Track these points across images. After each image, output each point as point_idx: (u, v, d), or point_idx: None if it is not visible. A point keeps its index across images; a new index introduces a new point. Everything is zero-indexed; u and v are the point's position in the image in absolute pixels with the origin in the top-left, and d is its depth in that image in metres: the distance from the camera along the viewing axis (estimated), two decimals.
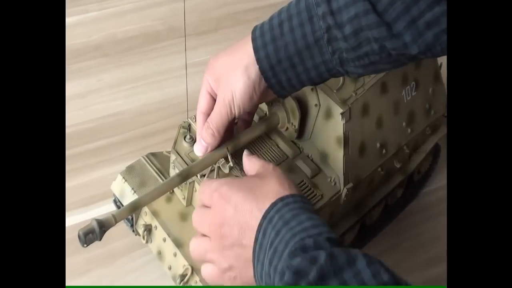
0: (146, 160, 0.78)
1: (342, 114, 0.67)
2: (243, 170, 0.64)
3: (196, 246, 0.60)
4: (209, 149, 0.65)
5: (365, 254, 0.48)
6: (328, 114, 0.69)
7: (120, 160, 0.92)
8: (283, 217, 0.53)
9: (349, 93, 0.69)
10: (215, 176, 0.67)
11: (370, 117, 0.71)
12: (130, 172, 0.76)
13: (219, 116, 0.63)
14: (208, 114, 0.65)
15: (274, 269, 0.51)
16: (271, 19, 0.61)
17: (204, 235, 0.59)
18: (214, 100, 0.65)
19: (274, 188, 0.56)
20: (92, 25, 1.13)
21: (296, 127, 0.71)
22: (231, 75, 0.62)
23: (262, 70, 0.60)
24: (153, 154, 0.79)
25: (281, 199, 0.55)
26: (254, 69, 0.61)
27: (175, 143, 0.73)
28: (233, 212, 0.56)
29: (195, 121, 0.74)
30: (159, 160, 0.78)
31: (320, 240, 0.50)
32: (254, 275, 0.54)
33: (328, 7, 0.56)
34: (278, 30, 0.59)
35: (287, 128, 0.72)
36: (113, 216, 0.59)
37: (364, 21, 0.55)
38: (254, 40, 0.61)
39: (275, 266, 0.51)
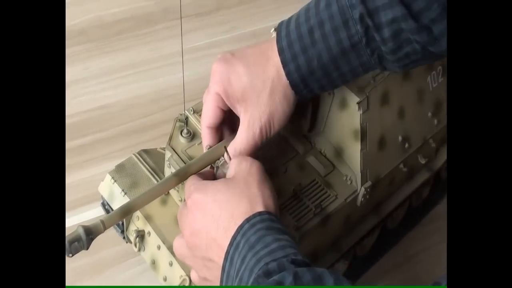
0: (138, 158, 0.78)
1: (358, 103, 0.67)
2: None
3: (177, 247, 0.65)
4: None
5: (332, 272, 0.51)
6: (343, 104, 0.69)
7: (109, 158, 0.93)
8: (249, 241, 0.56)
9: (367, 80, 0.69)
10: (215, 176, 0.68)
11: (390, 107, 0.72)
12: (120, 172, 0.77)
13: (252, 147, 0.64)
14: (216, 129, 0.66)
15: None
16: (298, 25, 0.61)
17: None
18: (224, 112, 0.66)
19: (240, 204, 0.59)
20: (75, 7, 1.13)
21: (307, 119, 0.71)
22: (264, 99, 0.62)
23: (292, 84, 0.62)
24: (145, 151, 0.80)
25: (248, 220, 0.57)
26: (290, 89, 0.62)
27: (170, 138, 0.73)
28: (201, 225, 0.60)
29: (193, 113, 0.74)
30: (152, 158, 0.79)
31: (285, 262, 0.53)
32: None
33: (365, 8, 0.57)
34: (308, 39, 0.60)
35: (297, 121, 0.72)
36: (102, 222, 0.60)
37: (404, 25, 0.56)
38: (281, 52, 0.61)
39: None
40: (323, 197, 0.70)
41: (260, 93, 0.62)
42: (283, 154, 0.73)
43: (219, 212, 0.59)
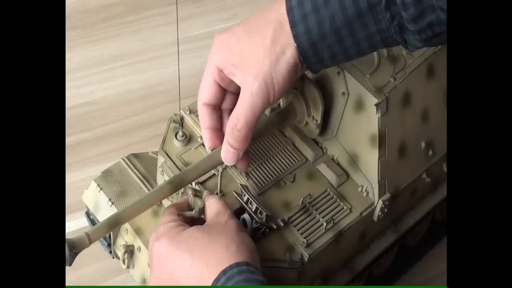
0: (127, 163, 0.79)
1: (376, 105, 0.68)
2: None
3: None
4: (240, 154, 0.66)
5: None
6: (359, 106, 0.69)
7: (94, 162, 0.94)
8: None
9: (386, 79, 0.70)
10: (218, 184, 0.69)
11: (412, 109, 0.72)
12: (106, 178, 0.78)
13: (251, 110, 0.63)
14: (214, 107, 0.66)
15: None
16: None
17: None
18: (223, 90, 0.66)
19: (217, 252, 0.59)
20: None
21: (318, 121, 0.71)
22: (262, 51, 0.61)
23: (300, 49, 0.61)
24: (135, 155, 0.80)
25: (224, 272, 0.58)
26: (292, 38, 0.61)
27: (163, 141, 0.74)
28: (169, 276, 0.61)
29: (189, 113, 0.75)
30: (143, 163, 0.79)
31: None
32: None
33: None
34: None
35: (306, 123, 0.72)
36: (87, 235, 0.61)
37: None
38: (290, 11, 0.61)
39: None
40: (335, 210, 0.70)
41: (259, 46, 0.61)
42: (290, 161, 0.73)
43: (191, 261, 0.59)
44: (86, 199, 0.79)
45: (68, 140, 0.97)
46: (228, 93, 0.67)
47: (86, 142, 0.97)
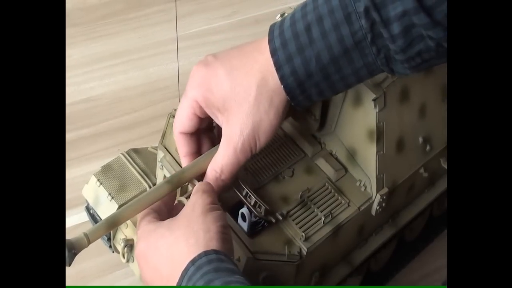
0: (126, 158, 0.79)
1: (374, 100, 0.68)
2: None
3: None
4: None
5: None
6: (357, 101, 0.70)
7: (94, 158, 0.94)
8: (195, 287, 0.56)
9: (384, 74, 0.69)
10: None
11: (410, 104, 0.72)
12: (106, 173, 0.78)
13: (236, 164, 0.64)
14: (191, 134, 0.67)
15: None
16: (293, 23, 0.60)
17: None
18: (201, 119, 0.66)
19: (179, 247, 0.59)
20: None
21: (317, 117, 0.72)
22: (246, 109, 0.62)
23: (287, 90, 0.61)
24: (135, 150, 0.80)
25: (193, 262, 0.57)
26: (278, 95, 0.61)
27: (163, 136, 0.74)
28: (149, 277, 0.62)
29: None
30: (143, 158, 0.79)
31: None
32: None
33: (370, 1, 0.56)
34: (305, 37, 0.59)
35: (305, 119, 0.73)
36: (86, 235, 0.61)
37: (416, 19, 0.56)
38: (274, 53, 0.60)
39: None
40: (334, 204, 0.70)
41: (242, 102, 0.62)
42: (289, 156, 0.73)
43: (160, 260, 0.60)
44: (86, 193, 0.79)
45: (68, 136, 0.97)
46: (204, 118, 0.67)
47: (86, 138, 0.98)
